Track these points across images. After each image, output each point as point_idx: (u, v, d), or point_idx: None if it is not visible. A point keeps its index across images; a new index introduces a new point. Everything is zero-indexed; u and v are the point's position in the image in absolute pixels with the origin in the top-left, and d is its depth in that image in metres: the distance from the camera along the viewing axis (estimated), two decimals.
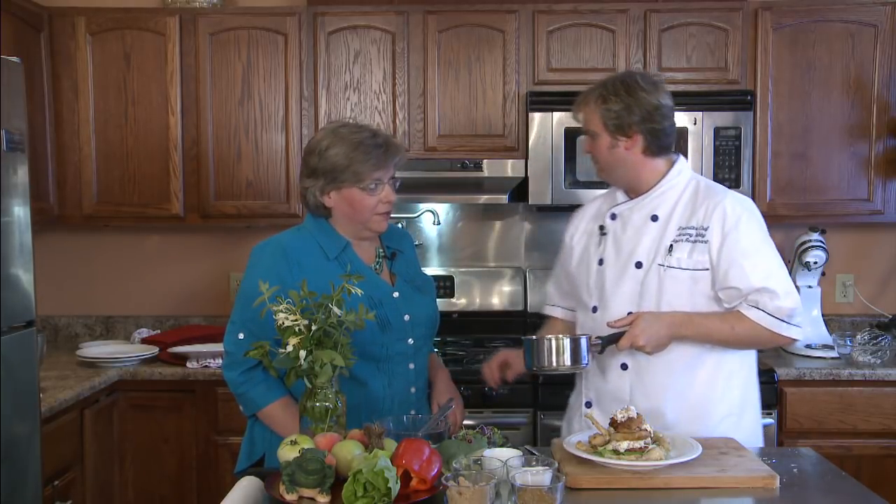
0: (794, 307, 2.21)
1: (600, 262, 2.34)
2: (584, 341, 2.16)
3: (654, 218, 2.29)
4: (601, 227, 2.37)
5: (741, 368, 2.31)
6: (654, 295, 2.24)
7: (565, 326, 2.49)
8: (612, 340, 2.17)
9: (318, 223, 2.28)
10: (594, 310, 2.33)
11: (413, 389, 2.30)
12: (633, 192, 2.33)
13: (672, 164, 2.32)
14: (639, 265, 2.27)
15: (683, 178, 2.31)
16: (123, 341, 3.80)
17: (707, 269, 2.22)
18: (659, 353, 2.19)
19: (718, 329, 2.20)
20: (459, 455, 1.83)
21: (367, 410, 2.16)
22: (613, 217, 2.35)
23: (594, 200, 2.48)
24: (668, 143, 2.30)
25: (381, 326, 2.20)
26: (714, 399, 2.27)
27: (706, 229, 2.22)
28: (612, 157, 2.28)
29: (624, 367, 2.28)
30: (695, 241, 2.23)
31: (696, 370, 2.24)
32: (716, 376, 2.26)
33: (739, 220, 2.21)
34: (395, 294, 2.27)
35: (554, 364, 2.15)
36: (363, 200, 2.21)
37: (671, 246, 2.24)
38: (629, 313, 2.22)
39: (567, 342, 2.14)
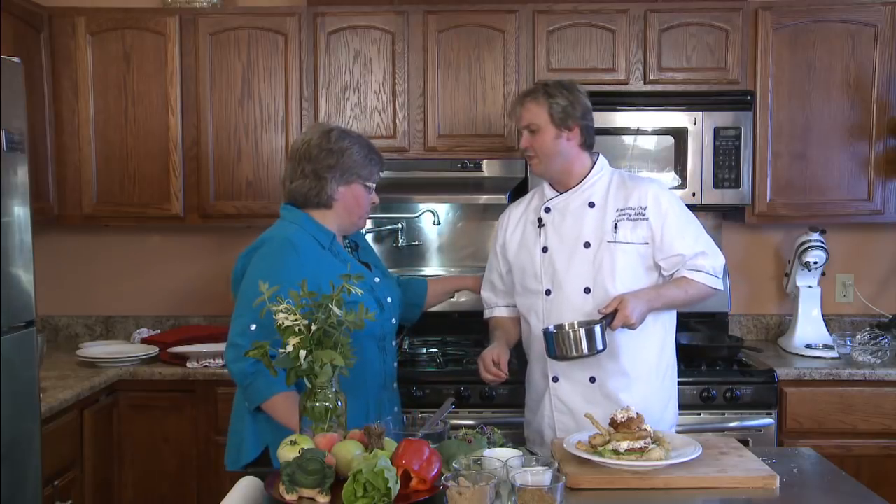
0: (723, 263, 2.59)
1: (544, 249, 2.60)
2: (599, 328, 2.36)
3: (591, 204, 2.58)
4: (539, 220, 2.62)
5: (671, 328, 2.66)
6: (608, 269, 2.52)
7: (513, 322, 2.75)
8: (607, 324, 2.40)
9: (302, 217, 2.46)
10: (548, 293, 2.58)
11: (395, 364, 2.60)
12: (562, 185, 2.61)
13: (594, 160, 2.64)
14: (587, 245, 2.55)
15: (607, 170, 2.64)
16: (123, 341, 3.80)
17: (647, 243, 2.53)
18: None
19: (676, 295, 2.51)
20: (459, 455, 1.83)
21: (373, 387, 2.44)
22: (548, 210, 2.62)
23: (512, 209, 2.75)
24: (594, 141, 2.64)
25: (379, 308, 2.44)
26: (654, 355, 2.60)
27: (644, 209, 2.53)
28: (554, 148, 2.55)
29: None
30: (636, 220, 2.53)
31: (647, 331, 2.52)
32: (656, 334, 2.58)
33: (671, 199, 2.58)
34: (377, 279, 2.51)
35: (583, 351, 2.36)
36: (365, 198, 2.50)
37: (616, 225, 2.53)
38: (615, 297, 2.44)
39: (584, 332, 2.36)
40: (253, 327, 2.24)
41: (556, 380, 2.59)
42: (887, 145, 3.56)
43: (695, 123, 3.46)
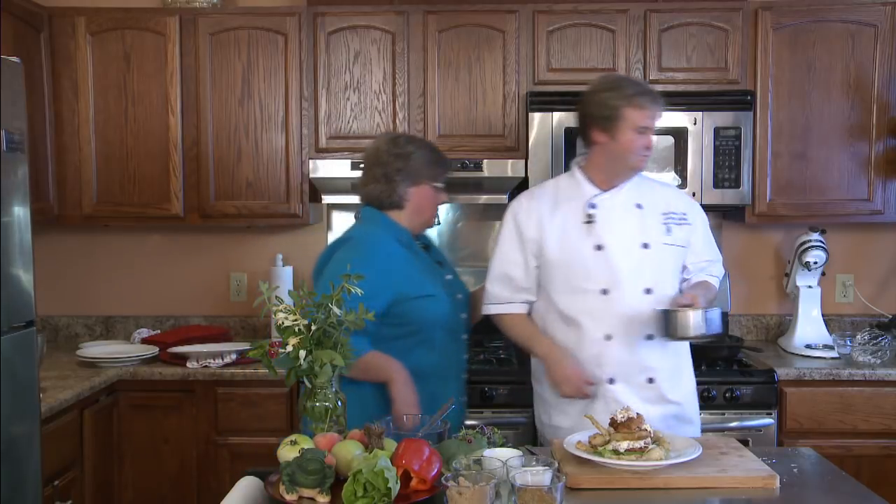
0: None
1: (599, 247, 2.53)
2: (719, 312, 2.46)
3: (639, 206, 2.58)
4: (589, 216, 2.56)
5: None
6: (667, 270, 2.58)
7: (529, 319, 2.66)
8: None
9: (381, 216, 2.61)
10: (604, 292, 2.52)
11: (464, 357, 2.73)
12: (609, 183, 2.58)
13: None
14: (646, 246, 2.54)
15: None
16: (123, 341, 3.80)
17: (685, 247, 2.61)
18: None
19: (708, 298, 2.58)
20: (459, 455, 1.83)
21: (454, 376, 2.62)
22: (593, 206, 2.57)
23: (532, 201, 2.65)
24: None
25: (454, 304, 2.62)
26: (688, 355, 2.70)
27: (685, 214, 2.61)
28: None
29: (650, 337, 2.53)
30: (680, 224, 2.60)
31: None
32: None
33: (699, 207, 2.71)
34: (448, 276, 2.68)
35: (702, 332, 2.43)
36: (434, 198, 2.65)
37: (668, 228, 2.57)
38: (682, 293, 2.56)
39: (702, 314, 2.43)
40: None
41: (612, 381, 2.53)
42: (887, 145, 3.56)
43: (695, 123, 3.47)
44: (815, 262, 3.58)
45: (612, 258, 2.52)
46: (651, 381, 2.54)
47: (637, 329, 2.52)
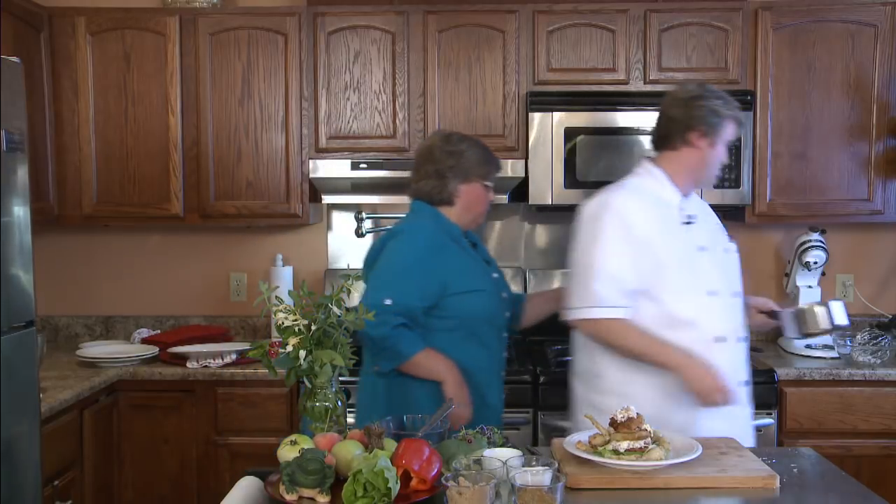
0: None
1: (701, 248, 2.50)
2: (843, 303, 2.55)
3: (709, 212, 2.66)
4: (689, 217, 2.52)
5: None
6: (736, 274, 2.60)
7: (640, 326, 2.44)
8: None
9: (432, 211, 2.66)
10: (711, 293, 2.47)
11: (505, 355, 2.75)
12: (687, 190, 2.57)
13: None
14: (727, 250, 2.59)
15: None
16: (123, 341, 3.80)
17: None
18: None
19: None
20: (459, 455, 1.83)
21: (497, 373, 2.67)
22: (684, 208, 2.55)
23: (635, 191, 2.53)
24: None
25: (500, 301, 2.67)
26: None
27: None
28: None
29: (744, 339, 2.54)
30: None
31: None
32: None
33: None
34: (494, 275, 2.71)
35: (841, 323, 2.52)
36: (483, 196, 2.68)
37: (727, 236, 2.64)
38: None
39: (827, 308, 2.52)
40: (388, 301, 2.46)
41: (746, 383, 2.52)
42: (887, 145, 3.56)
43: None
44: (815, 262, 3.59)
45: (713, 259, 2.51)
46: (747, 382, 2.53)
47: (739, 330, 2.51)
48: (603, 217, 2.45)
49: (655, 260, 2.41)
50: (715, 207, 3.55)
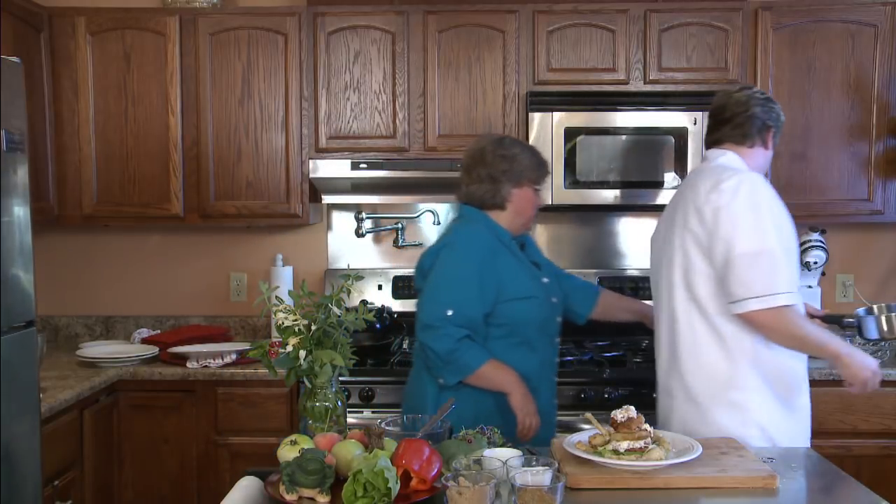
0: None
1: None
2: None
3: None
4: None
5: None
6: None
7: None
8: None
9: (483, 216, 2.64)
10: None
11: (556, 360, 2.75)
12: None
13: None
14: None
15: None
16: (123, 341, 3.80)
17: None
18: None
19: None
20: (459, 455, 1.83)
21: (548, 378, 2.66)
22: None
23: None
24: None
25: (551, 306, 2.66)
26: None
27: None
28: None
29: None
30: None
31: None
32: None
33: None
34: (545, 279, 2.69)
35: None
36: (534, 200, 2.67)
37: None
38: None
39: None
40: (450, 312, 2.47)
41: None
42: (887, 145, 3.56)
43: (695, 123, 3.47)
44: (815, 262, 3.58)
45: None
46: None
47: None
48: (759, 200, 2.34)
49: (795, 246, 2.43)
50: None
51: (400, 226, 3.91)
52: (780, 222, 2.36)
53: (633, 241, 3.91)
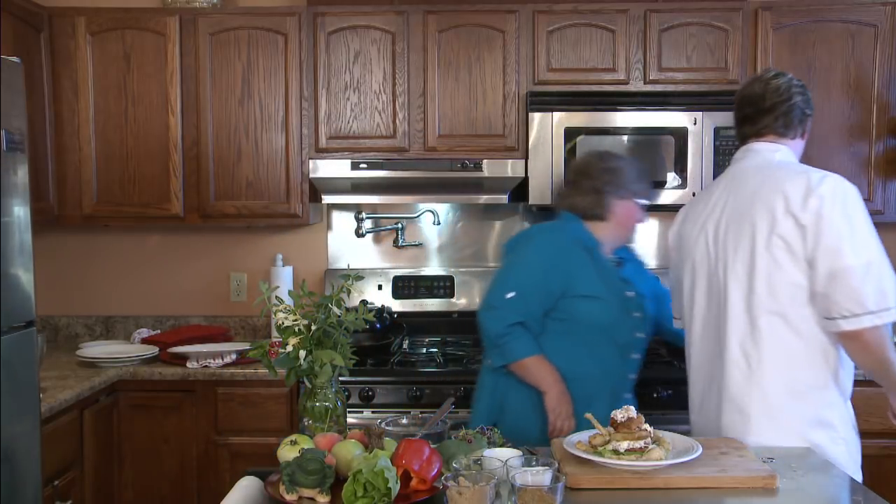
0: None
1: None
2: None
3: None
4: None
5: None
6: None
7: None
8: None
9: (575, 219, 2.69)
10: None
11: (631, 376, 2.72)
12: None
13: None
14: None
15: None
16: (123, 341, 3.80)
17: None
18: None
19: None
20: (459, 455, 1.83)
21: (605, 388, 2.60)
22: None
23: None
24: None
25: (627, 318, 2.65)
26: None
27: None
28: None
29: None
30: None
31: None
32: None
33: None
34: (629, 293, 2.69)
35: None
36: (636, 213, 2.72)
37: None
38: None
39: None
40: (511, 295, 2.55)
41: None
42: (887, 145, 3.56)
43: (695, 123, 3.47)
44: None
45: None
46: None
47: None
48: (857, 206, 2.17)
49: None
50: None
51: (400, 226, 3.91)
52: (872, 227, 2.17)
53: None
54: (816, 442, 2.21)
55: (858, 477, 2.24)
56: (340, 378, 1.98)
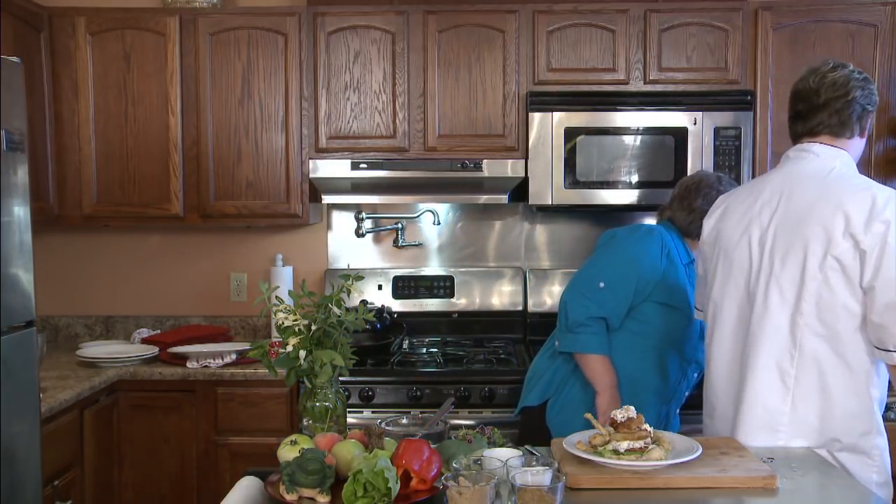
0: None
1: None
2: None
3: None
4: None
5: None
6: None
7: None
8: None
9: (670, 231, 2.74)
10: None
11: (686, 393, 2.77)
12: None
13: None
14: None
15: None
16: (123, 341, 3.80)
17: None
18: None
19: None
20: (459, 455, 1.83)
21: (657, 394, 2.65)
22: None
23: None
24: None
25: (695, 334, 2.67)
26: None
27: None
28: None
29: None
30: None
31: None
32: None
33: None
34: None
35: None
36: None
37: None
38: None
39: None
40: (602, 285, 2.59)
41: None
42: (887, 145, 3.56)
43: (695, 123, 3.47)
44: None
45: None
46: None
47: None
48: None
49: None
50: None
51: (400, 226, 3.91)
52: None
53: None
54: (851, 468, 2.14)
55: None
56: (340, 378, 1.98)
